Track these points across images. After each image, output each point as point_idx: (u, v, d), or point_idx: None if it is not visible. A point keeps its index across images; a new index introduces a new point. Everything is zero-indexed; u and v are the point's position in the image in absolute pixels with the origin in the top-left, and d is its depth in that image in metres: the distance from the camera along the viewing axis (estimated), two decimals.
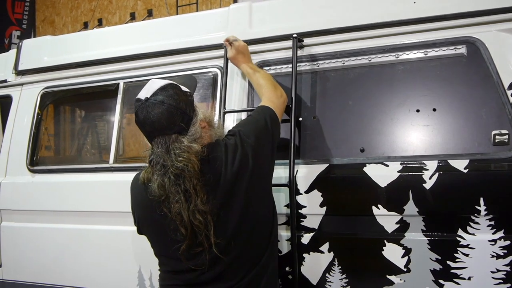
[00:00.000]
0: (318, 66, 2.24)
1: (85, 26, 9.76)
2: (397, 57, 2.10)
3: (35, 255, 2.78)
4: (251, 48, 2.32)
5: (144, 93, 1.63)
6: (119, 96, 2.70)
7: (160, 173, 1.58)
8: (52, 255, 2.72)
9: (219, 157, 1.64)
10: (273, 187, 2.09)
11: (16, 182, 2.88)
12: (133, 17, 9.23)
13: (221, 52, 2.40)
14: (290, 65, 2.21)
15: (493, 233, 1.82)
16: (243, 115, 2.32)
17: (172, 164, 1.56)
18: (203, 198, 1.56)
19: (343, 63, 2.19)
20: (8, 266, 2.88)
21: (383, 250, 1.96)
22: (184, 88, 1.69)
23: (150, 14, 9.02)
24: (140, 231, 1.82)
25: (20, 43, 3.12)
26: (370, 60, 2.15)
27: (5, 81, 3.10)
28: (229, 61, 2.33)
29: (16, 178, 2.89)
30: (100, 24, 9.56)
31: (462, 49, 2.01)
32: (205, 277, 1.66)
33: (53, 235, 2.72)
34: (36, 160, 2.89)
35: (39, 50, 3.02)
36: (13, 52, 3.15)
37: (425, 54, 2.06)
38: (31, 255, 2.79)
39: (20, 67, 3.04)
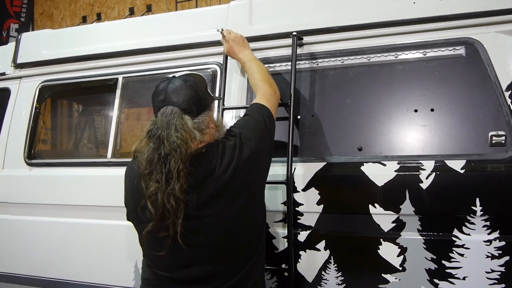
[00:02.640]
0: (317, 64, 2.25)
1: (84, 20, 9.72)
2: (396, 57, 2.11)
3: (31, 248, 2.78)
4: (251, 45, 2.32)
5: (174, 74, 1.71)
6: (118, 91, 2.70)
7: (154, 146, 1.57)
8: (48, 249, 2.73)
9: (214, 155, 1.63)
10: (270, 185, 2.11)
11: (13, 175, 2.87)
12: (132, 12, 9.20)
13: (220, 48, 2.40)
14: (290, 63, 2.21)
15: (489, 234, 1.83)
16: (242, 112, 2.32)
17: (168, 138, 1.54)
18: (183, 185, 1.53)
19: (342, 62, 2.20)
20: (3, 259, 2.88)
21: (379, 248, 1.97)
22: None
23: (149, 9, 8.99)
24: (127, 216, 1.79)
25: (19, 36, 3.11)
26: (369, 60, 2.16)
27: (3, 74, 3.09)
28: (228, 57, 2.34)
29: (13, 171, 2.88)
30: (99, 18, 9.52)
31: (460, 50, 2.01)
32: (180, 275, 1.65)
33: (49, 229, 2.72)
34: (34, 153, 2.88)
35: (38, 43, 3.01)
36: (12, 45, 3.14)
37: (424, 55, 2.07)
38: (26, 248, 2.79)
39: (19, 60, 3.03)
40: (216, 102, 1.83)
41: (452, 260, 1.87)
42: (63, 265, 2.67)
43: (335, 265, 2.03)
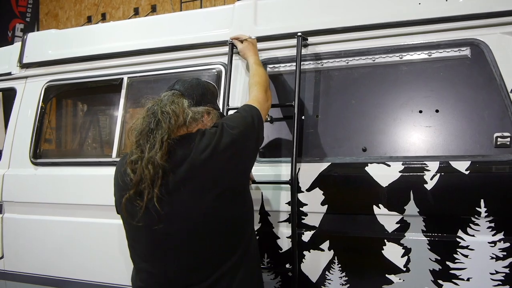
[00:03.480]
0: (322, 65, 2.25)
1: (89, 20, 9.77)
2: (401, 58, 2.11)
3: (37, 247, 2.79)
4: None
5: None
6: (123, 91, 2.71)
7: (148, 120, 1.63)
8: (54, 248, 2.74)
9: (194, 139, 1.62)
10: (274, 185, 2.12)
11: (19, 174, 2.89)
12: (136, 12, 9.24)
13: (225, 49, 2.41)
14: (294, 63, 2.22)
15: (493, 235, 1.83)
16: None
17: (162, 109, 1.61)
18: (164, 155, 1.55)
19: (347, 63, 2.20)
20: (10, 258, 2.89)
21: (383, 249, 1.97)
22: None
23: (153, 10, 9.03)
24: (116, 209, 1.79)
25: (25, 36, 3.13)
26: (374, 60, 2.16)
27: (9, 73, 3.11)
28: (233, 58, 2.35)
29: (19, 170, 2.90)
30: (103, 18, 9.57)
31: (466, 51, 2.01)
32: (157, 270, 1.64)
33: (55, 228, 2.74)
34: (39, 153, 2.90)
35: (44, 43, 3.03)
36: (18, 45, 3.16)
37: (429, 55, 2.07)
38: (32, 247, 2.81)
39: (25, 60, 3.05)
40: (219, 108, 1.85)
41: (456, 261, 1.87)
42: (69, 264, 2.68)
43: (339, 265, 2.03)
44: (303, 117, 2.21)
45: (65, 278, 2.70)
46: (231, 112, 2.34)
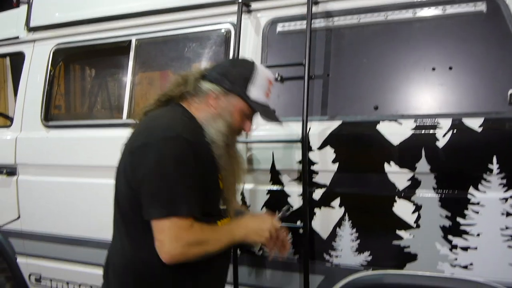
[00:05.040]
0: (333, 23, 2.21)
1: None
2: (414, 14, 2.07)
3: (50, 207, 2.85)
4: (264, 4, 2.32)
5: None
6: (131, 53, 2.69)
7: None
8: (66, 208, 2.79)
9: (145, 121, 1.66)
10: (285, 143, 2.12)
11: (31, 137, 2.92)
12: None
13: (234, 8, 2.37)
14: (305, 22, 2.18)
15: (505, 191, 1.83)
16: None
17: None
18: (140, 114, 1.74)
19: (359, 20, 2.16)
20: (26, 218, 2.95)
21: (393, 206, 1.98)
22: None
23: None
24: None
25: None
26: (386, 17, 2.11)
27: (17, 37, 3.09)
28: (242, 17, 2.31)
29: (31, 133, 2.93)
30: None
31: (481, 6, 1.96)
32: None
33: (67, 188, 2.78)
34: (50, 116, 2.92)
35: (51, 6, 2.99)
36: (24, 8, 3.12)
37: (443, 11, 2.02)
38: (46, 207, 2.86)
39: (32, 24, 3.02)
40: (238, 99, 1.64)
41: (467, 217, 1.88)
42: (82, 223, 2.74)
43: (350, 222, 2.06)
44: (313, 76, 2.18)
45: (78, 236, 2.77)
46: None
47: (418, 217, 1.95)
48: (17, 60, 3.20)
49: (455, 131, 1.88)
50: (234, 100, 1.63)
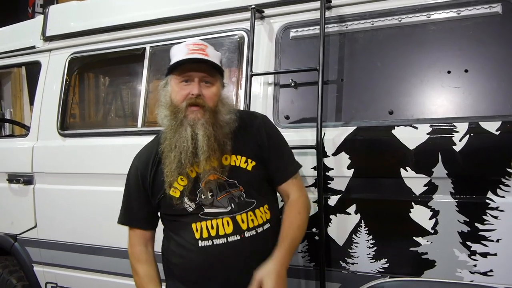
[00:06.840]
0: (346, 27, 2.20)
1: None
2: (429, 17, 2.05)
3: (67, 215, 2.87)
4: (277, 10, 2.31)
5: None
6: (146, 61, 2.71)
7: None
8: (83, 216, 2.82)
9: None
10: (299, 150, 2.11)
11: (48, 145, 2.95)
12: None
13: (247, 14, 2.38)
14: (318, 27, 2.17)
15: None
16: (270, 78, 2.32)
17: None
18: None
19: (372, 24, 2.15)
20: (43, 226, 2.99)
21: (410, 212, 1.96)
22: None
23: None
24: None
25: (47, 9, 3.14)
26: (400, 21, 2.10)
27: (33, 47, 3.14)
28: (256, 23, 2.32)
29: (47, 142, 2.96)
30: None
31: (497, 8, 1.93)
32: None
33: (83, 197, 2.81)
34: (67, 125, 2.95)
35: (66, 15, 3.04)
36: (40, 18, 3.18)
37: (458, 14, 2.00)
38: (63, 216, 2.89)
39: (48, 33, 3.07)
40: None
41: (485, 222, 1.84)
42: (98, 231, 2.76)
43: (366, 228, 2.04)
44: (327, 81, 2.17)
45: (94, 245, 2.79)
46: (255, 78, 2.32)
47: (436, 223, 1.92)
48: (33, 69, 3.25)
49: (472, 135, 1.85)
50: (169, 81, 1.77)
